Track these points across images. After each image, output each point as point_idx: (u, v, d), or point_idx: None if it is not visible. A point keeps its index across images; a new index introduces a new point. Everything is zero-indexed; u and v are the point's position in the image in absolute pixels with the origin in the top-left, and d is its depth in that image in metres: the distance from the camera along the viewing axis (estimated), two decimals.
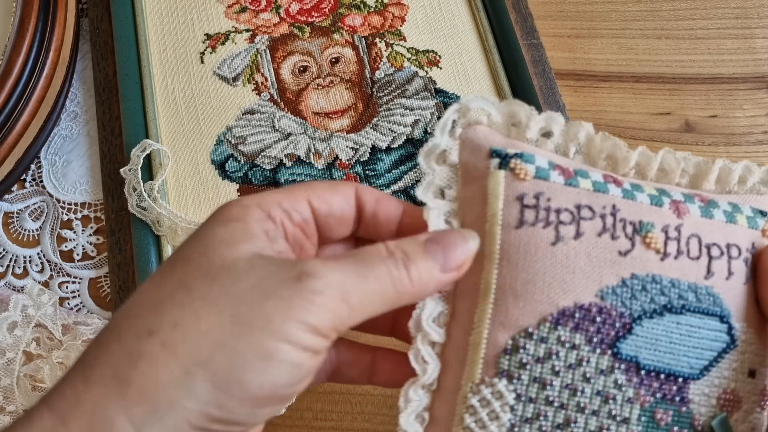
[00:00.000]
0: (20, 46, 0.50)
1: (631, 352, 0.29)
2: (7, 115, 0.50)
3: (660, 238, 0.30)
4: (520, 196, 0.30)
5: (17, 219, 0.53)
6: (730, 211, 0.32)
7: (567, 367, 0.29)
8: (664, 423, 0.29)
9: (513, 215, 0.30)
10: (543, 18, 0.61)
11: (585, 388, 0.29)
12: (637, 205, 0.30)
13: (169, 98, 0.55)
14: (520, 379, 0.29)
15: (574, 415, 0.29)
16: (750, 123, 0.57)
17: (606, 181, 0.31)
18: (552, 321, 0.29)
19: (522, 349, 0.29)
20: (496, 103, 0.32)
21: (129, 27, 0.57)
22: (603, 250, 0.30)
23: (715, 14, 0.62)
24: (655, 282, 0.30)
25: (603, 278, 0.29)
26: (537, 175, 0.30)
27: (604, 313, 0.29)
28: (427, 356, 0.30)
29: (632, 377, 0.29)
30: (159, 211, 0.50)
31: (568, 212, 0.30)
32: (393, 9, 0.60)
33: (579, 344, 0.29)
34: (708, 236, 0.31)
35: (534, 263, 0.29)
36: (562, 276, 0.29)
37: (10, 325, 0.45)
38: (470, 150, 0.31)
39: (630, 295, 0.29)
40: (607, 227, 0.30)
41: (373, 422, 0.46)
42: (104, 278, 0.52)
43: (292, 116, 0.55)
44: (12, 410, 0.43)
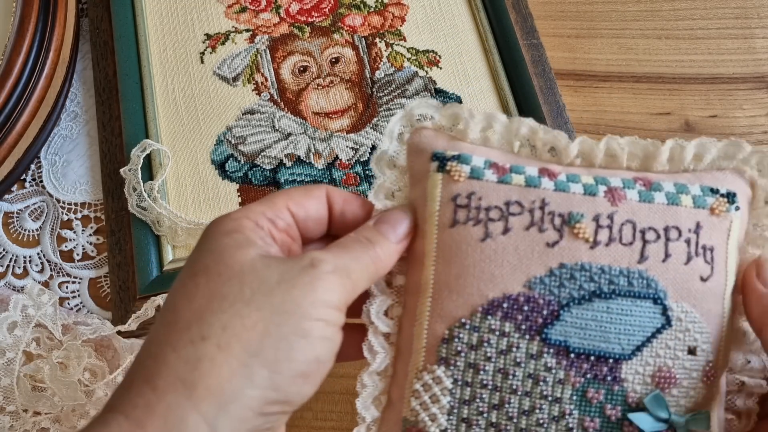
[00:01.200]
0: (20, 46, 0.50)
1: (560, 337, 0.31)
2: (7, 115, 0.50)
3: (590, 227, 0.32)
4: (454, 197, 0.33)
5: (17, 219, 0.53)
6: (674, 192, 0.33)
7: (498, 353, 0.31)
8: (597, 401, 0.31)
9: (447, 215, 0.32)
10: (543, 18, 0.61)
11: (516, 371, 0.31)
12: (569, 197, 0.32)
13: (169, 98, 0.55)
14: (457, 365, 0.32)
15: (507, 396, 0.31)
16: (750, 123, 0.57)
17: (540, 175, 0.33)
18: (482, 311, 0.31)
19: (457, 338, 0.32)
20: (439, 107, 0.34)
21: (129, 27, 0.57)
22: (530, 242, 0.32)
23: (715, 14, 0.62)
24: (584, 270, 0.31)
25: (531, 269, 0.31)
26: (471, 175, 0.33)
27: (531, 302, 0.31)
28: (377, 346, 0.33)
29: (562, 360, 0.31)
30: (159, 211, 0.50)
31: (497, 209, 0.32)
32: (393, 9, 0.60)
33: (509, 332, 0.31)
34: (644, 221, 0.32)
35: (465, 259, 0.32)
36: (490, 269, 0.31)
37: (10, 325, 0.45)
38: (416, 154, 0.34)
39: (558, 284, 0.31)
40: (535, 221, 0.32)
41: None
42: (104, 278, 0.52)
43: (292, 116, 0.55)
44: (12, 410, 0.43)
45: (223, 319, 0.27)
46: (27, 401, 0.43)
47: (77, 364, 0.44)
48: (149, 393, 0.26)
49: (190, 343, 0.27)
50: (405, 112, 0.34)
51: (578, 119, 0.57)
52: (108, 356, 0.47)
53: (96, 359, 0.46)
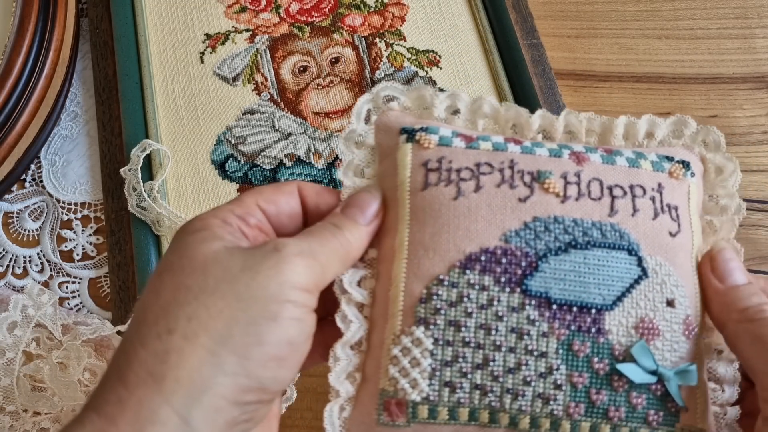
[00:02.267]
0: (20, 46, 0.50)
1: (540, 288, 0.31)
2: (7, 115, 0.50)
3: (559, 183, 0.32)
4: (425, 162, 0.33)
5: (17, 219, 0.53)
6: (634, 158, 0.34)
7: (479, 308, 0.31)
8: (583, 354, 0.31)
9: (419, 180, 0.33)
10: (543, 18, 0.61)
11: (498, 326, 0.31)
12: (536, 158, 0.33)
13: (169, 98, 0.55)
14: (436, 324, 0.31)
15: (491, 354, 0.30)
16: (750, 123, 0.57)
17: (506, 141, 0.34)
18: (460, 266, 0.31)
19: (435, 296, 0.31)
20: (404, 90, 0.35)
21: (129, 27, 0.57)
22: (503, 198, 0.32)
23: (715, 14, 0.62)
24: (558, 222, 0.32)
25: (505, 223, 0.31)
26: (440, 143, 0.33)
27: (509, 255, 0.31)
28: (351, 315, 0.32)
29: (544, 312, 0.31)
30: (159, 211, 0.50)
31: (468, 170, 0.32)
32: (393, 9, 0.60)
33: (488, 285, 0.31)
34: (610, 179, 0.33)
35: (438, 217, 0.32)
36: (465, 225, 0.31)
37: (10, 325, 0.45)
38: (384, 132, 0.35)
39: (533, 236, 0.31)
40: (506, 179, 0.32)
41: None
42: (104, 278, 0.52)
43: (292, 116, 0.55)
44: (12, 410, 0.43)
45: (188, 311, 0.27)
46: (27, 401, 0.43)
47: (77, 364, 0.44)
48: (120, 389, 0.26)
49: (157, 337, 0.27)
50: (372, 94, 0.35)
51: None
52: (108, 356, 0.47)
53: (96, 359, 0.46)
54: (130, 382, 0.26)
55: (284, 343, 0.28)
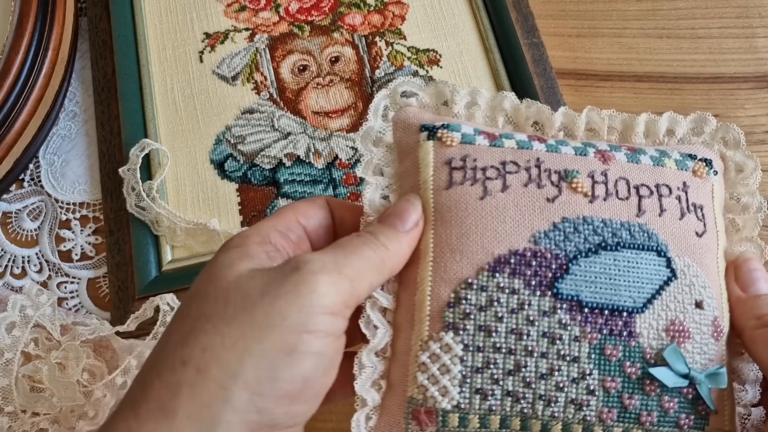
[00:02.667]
0: (19, 45, 0.50)
1: (572, 291, 0.30)
2: (6, 115, 0.50)
3: (587, 182, 0.31)
4: (448, 160, 0.32)
5: (16, 219, 0.53)
6: (658, 156, 0.33)
7: (510, 312, 0.30)
8: (615, 358, 0.30)
9: (443, 178, 0.32)
10: (544, 17, 0.61)
11: (530, 330, 0.30)
12: (562, 156, 0.32)
13: (168, 97, 0.55)
14: (466, 329, 0.30)
15: (523, 360, 0.30)
16: (751, 122, 0.57)
17: (530, 139, 0.33)
18: (489, 269, 0.30)
19: (464, 300, 0.30)
20: (423, 86, 0.34)
21: (128, 26, 0.57)
22: (531, 198, 0.31)
23: (716, 13, 0.62)
24: (587, 223, 0.31)
25: (534, 224, 0.31)
26: (463, 141, 0.32)
27: (539, 257, 0.30)
28: (377, 321, 0.31)
29: (576, 315, 0.30)
30: (158, 211, 0.49)
31: (493, 169, 0.32)
32: (393, 8, 0.59)
33: (518, 288, 0.30)
34: (636, 178, 0.32)
35: (465, 218, 0.31)
36: (493, 226, 0.31)
37: (8, 326, 0.44)
38: (402, 129, 0.33)
39: (563, 237, 0.31)
40: (533, 178, 0.31)
41: None
42: (103, 278, 0.51)
43: (292, 115, 0.55)
44: (10, 411, 0.43)
45: (204, 341, 0.26)
46: (25, 402, 0.43)
47: (76, 365, 0.44)
48: (132, 420, 0.26)
49: (172, 369, 0.26)
50: (390, 90, 0.34)
51: None
52: (107, 357, 0.47)
53: (95, 360, 0.46)
54: (141, 415, 0.26)
55: (299, 379, 0.27)
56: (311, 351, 0.27)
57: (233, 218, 0.51)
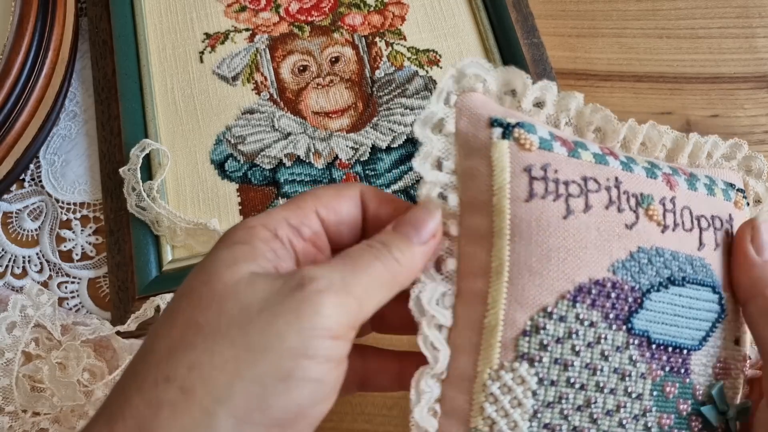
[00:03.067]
0: (19, 45, 0.50)
1: (643, 326, 0.28)
2: (6, 115, 0.50)
3: (660, 210, 0.30)
4: (528, 167, 0.28)
5: (16, 219, 0.53)
6: (709, 184, 0.32)
7: (586, 346, 0.28)
8: (672, 395, 0.29)
9: (522, 187, 0.28)
10: (544, 17, 0.61)
11: (603, 366, 0.28)
12: (636, 178, 0.30)
13: (168, 98, 0.55)
14: (542, 361, 0.27)
15: (593, 396, 0.28)
16: (751, 123, 0.57)
17: (604, 153, 0.30)
18: (570, 298, 0.28)
19: (542, 329, 0.27)
20: (492, 70, 0.30)
21: (128, 26, 0.57)
22: (611, 223, 0.28)
23: (716, 13, 0.62)
24: (659, 255, 0.29)
25: (613, 252, 0.28)
26: (541, 146, 0.29)
27: (617, 288, 0.28)
28: (437, 342, 0.28)
29: (644, 352, 0.28)
30: (158, 211, 0.49)
31: (576, 184, 0.29)
32: (393, 8, 0.60)
33: (596, 321, 0.28)
34: (696, 208, 0.31)
35: (548, 238, 0.28)
36: (576, 251, 0.28)
37: (9, 326, 0.45)
38: (468, 119, 0.30)
39: (638, 269, 0.28)
40: (613, 200, 0.29)
41: (373, 423, 0.46)
42: (103, 278, 0.52)
43: (292, 116, 0.55)
44: (11, 410, 0.43)
45: (192, 357, 0.24)
46: (26, 402, 0.43)
47: (76, 365, 0.44)
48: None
49: (154, 384, 0.24)
50: (456, 72, 0.30)
51: None
52: (107, 356, 0.47)
53: (95, 360, 0.46)
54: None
55: (292, 408, 0.24)
56: (309, 378, 0.24)
57: (233, 218, 0.51)
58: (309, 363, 0.24)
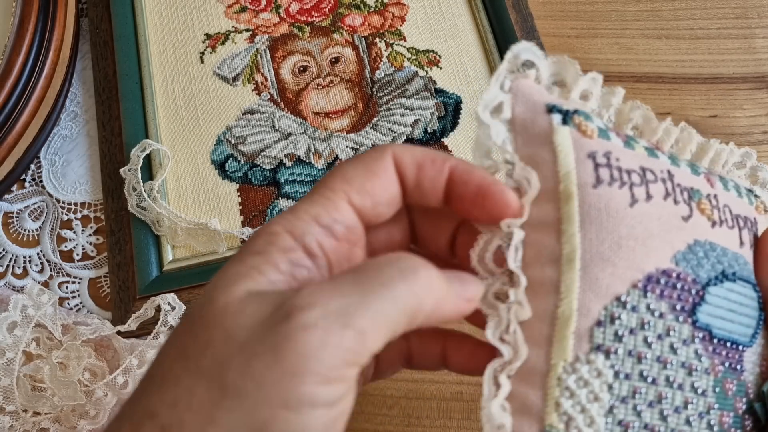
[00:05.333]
0: (20, 45, 0.50)
1: (706, 320, 0.28)
2: (7, 115, 0.50)
3: (708, 205, 0.29)
4: (591, 153, 0.28)
5: (17, 219, 0.53)
6: (736, 186, 0.32)
7: (657, 338, 0.27)
8: (731, 392, 0.28)
9: (588, 173, 0.27)
10: (543, 18, 0.61)
11: (673, 359, 0.27)
12: (683, 173, 0.30)
13: (168, 98, 0.55)
14: (617, 353, 0.26)
15: (664, 391, 0.27)
16: (750, 123, 0.57)
17: (652, 147, 0.30)
18: (641, 288, 0.27)
19: (617, 319, 0.26)
20: (544, 57, 0.29)
21: (129, 27, 0.57)
22: (670, 213, 0.28)
23: (715, 14, 0.62)
24: (712, 249, 0.29)
25: (674, 243, 0.28)
26: (599, 135, 0.28)
27: (681, 279, 0.27)
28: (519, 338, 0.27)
29: (707, 346, 0.28)
30: (159, 211, 0.50)
31: (636, 174, 0.28)
32: (393, 9, 0.60)
33: (665, 312, 0.27)
34: (734, 207, 0.31)
35: (618, 225, 0.27)
36: (643, 239, 0.27)
37: (9, 325, 0.45)
38: (524, 104, 0.29)
39: (696, 262, 0.28)
40: (669, 191, 0.28)
41: (373, 422, 0.46)
42: (104, 278, 0.52)
43: (292, 116, 0.55)
44: (11, 410, 0.43)
45: (175, 393, 0.21)
46: (27, 401, 0.43)
47: (77, 364, 0.44)
48: None
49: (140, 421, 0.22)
50: (512, 54, 0.29)
51: None
52: (108, 356, 0.47)
53: (96, 359, 0.46)
54: None
55: None
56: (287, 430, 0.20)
57: (234, 218, 0.51)
58: (289, 415, 0.20)
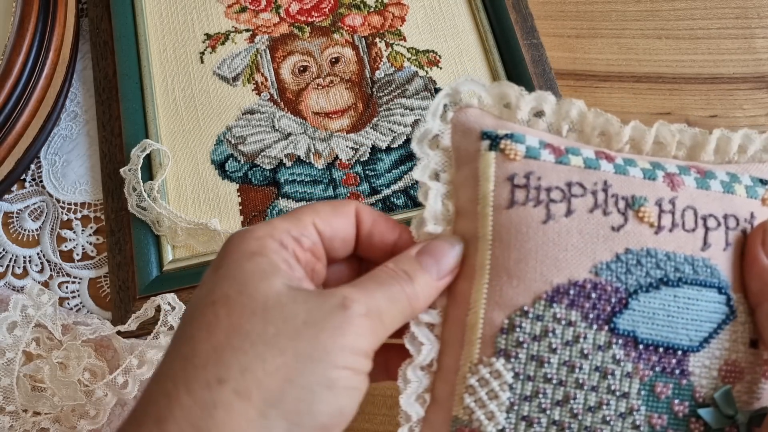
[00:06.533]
0: (20, 46, 0.50)
1: (629, 326, 0.29)
2: (7, 115, 0.50)
3: (653, 211, 0.30)
4: (511, 176, 0.30)
5: (17, 219, 0.53)
6: (728, 181, 0.32)
7: (564, 344, 0.29)
8: (665, 396, 0.29)
9: (504, 196, 0.30)
10: (543, 18, 0.61)
11: (583, 364, 0.29)
12: (630, 180, 0.31)
13: (168, 98, 0.55)
14: (518, 357, 0.29)
15: (573, 392, 0.29)
16: (750, 123, 0.57)
17: (598, 157, 0.31)
18: (547, 299, 0.29)
19: (518, 327, 0.29)
20: (486, 85, 0.32)
21: (129, 27, 0.57)
22: (595, 226, 0.30)
23: (715, 14, 0.62)
24: (650, 256, 0.30)
25: (597, 254, 0.29)
26: (527, 155, 0.31)
27: (599, 289, 0.29)
28: (422, 337, 0.30)
29: (630, 352, 0.29)
30: (159, 211, 0.50)
31: (558, 190, 0.30)
32: (393, 9, 0.60)
33: (575, 321, 0.29)
34: (704, 208, 0.31)
35: (526, 242, 0.30)
36: (554, 253, 0.29)
37: (9, 325, 0.45)
38: (462, 133, 0.32)
39: (625, 270, 0.29)
40: (599, 203, 0.30)
41: (373, 422, 0.46)
42: (104, 278, 0.52)
43: (292, 116, 0.55)
44: (11, 410, 0.43)
45: (243, 361, 0.25)
46: (27, 401, 0.43)
47: (77, 364, 0.44)
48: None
49: (206, 386, 0.25)
50: (450, 89, 0.32)
51: None
52: (108, 356, 0.47)
53: (96, 359, 0.46)
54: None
55: (336, 413, 0.26)
56: (350, 386, 0.26)
57: (234, 218, 0.51)
58: (349, 374, 0.26)
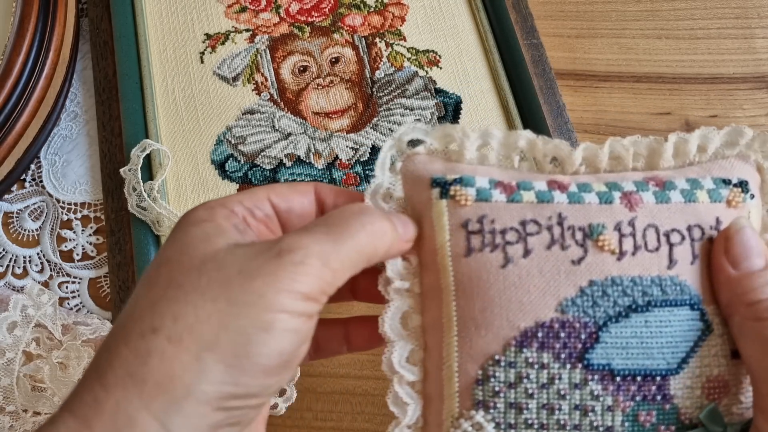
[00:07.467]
0: (20, 46, 0.50)
1: (602, 360, 0.29)
2: (7, 115, 0.50)
3: (613, 238, 0.29)
4: (464, 222, 0.30)
5: (17, 219, 0.53)
6: (689, 189, 0.31)
7: (540, 388, 0.29)
8: (649, 423, 0.29)
9: (460, 244, 0.30)
10: (543, 18, 0.61)
11: (562, 404, 0.29)
12: (585, 208, 0.30)
13: (168, 98, 0.55)
14: (496, 407, 0.29)
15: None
16: (750, 123, 0.57)
17: (550, 188, 0.31)
18: (516, 344, 0.29)
19: (492, 377, 0.29)
20: (429, 130, 0.31)
21: (129, 27, 0.57)
22: (555, 262, 0.29)
23: (715, 14, 0.62)
24: (616, 284, 0.29)
25: (560, 291, 0.29)
26: (479, 198, 0.30)
27: (567, 327, 0.29)
28: (406, 397, 0.30)
29: (608, 385, 0.29)
30: (159, 211, 0.50)
31: (513, 231, 0.30)
32: (393, 9, 0.60)
33: (548, 362, 0.29)
34: (666, 223, 0.30)
35: (488, 289, 0.29)
36: (518, 297, 0.29)
37: (9, 325, 0.45)
38: (412, 183, 0.31)
39: (591, 303, 0.29)
40: (556, 238, 0.29)
41: (373, 423, 0.46)
42: (104, 278, 0.52)
43: (292, 116, 0.55)
44: (12, 410, 0.43)
45: (175, 310, 0.25)
46: (27, 401, 0.43)
47: (77, 364, 0.44)
48: (98, 389, 0.25)
49: (141, 335, 0.25)
50: (394, 140, 0.31)
51: (578, 119, 0.57)
52: None
53: None
54: (109, 383, 0.25)
55: (275, 355, 0.26)
56: (287, 329, 0.26)
57: None
58: (286, 316, 0.26)
